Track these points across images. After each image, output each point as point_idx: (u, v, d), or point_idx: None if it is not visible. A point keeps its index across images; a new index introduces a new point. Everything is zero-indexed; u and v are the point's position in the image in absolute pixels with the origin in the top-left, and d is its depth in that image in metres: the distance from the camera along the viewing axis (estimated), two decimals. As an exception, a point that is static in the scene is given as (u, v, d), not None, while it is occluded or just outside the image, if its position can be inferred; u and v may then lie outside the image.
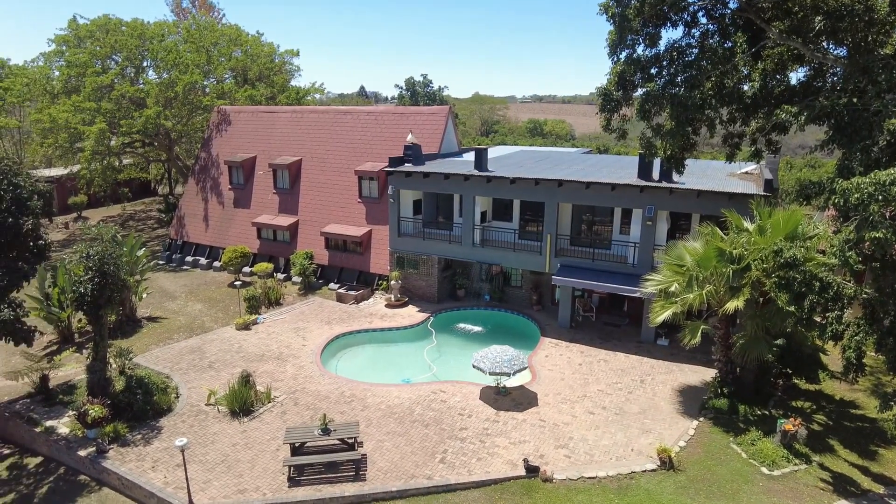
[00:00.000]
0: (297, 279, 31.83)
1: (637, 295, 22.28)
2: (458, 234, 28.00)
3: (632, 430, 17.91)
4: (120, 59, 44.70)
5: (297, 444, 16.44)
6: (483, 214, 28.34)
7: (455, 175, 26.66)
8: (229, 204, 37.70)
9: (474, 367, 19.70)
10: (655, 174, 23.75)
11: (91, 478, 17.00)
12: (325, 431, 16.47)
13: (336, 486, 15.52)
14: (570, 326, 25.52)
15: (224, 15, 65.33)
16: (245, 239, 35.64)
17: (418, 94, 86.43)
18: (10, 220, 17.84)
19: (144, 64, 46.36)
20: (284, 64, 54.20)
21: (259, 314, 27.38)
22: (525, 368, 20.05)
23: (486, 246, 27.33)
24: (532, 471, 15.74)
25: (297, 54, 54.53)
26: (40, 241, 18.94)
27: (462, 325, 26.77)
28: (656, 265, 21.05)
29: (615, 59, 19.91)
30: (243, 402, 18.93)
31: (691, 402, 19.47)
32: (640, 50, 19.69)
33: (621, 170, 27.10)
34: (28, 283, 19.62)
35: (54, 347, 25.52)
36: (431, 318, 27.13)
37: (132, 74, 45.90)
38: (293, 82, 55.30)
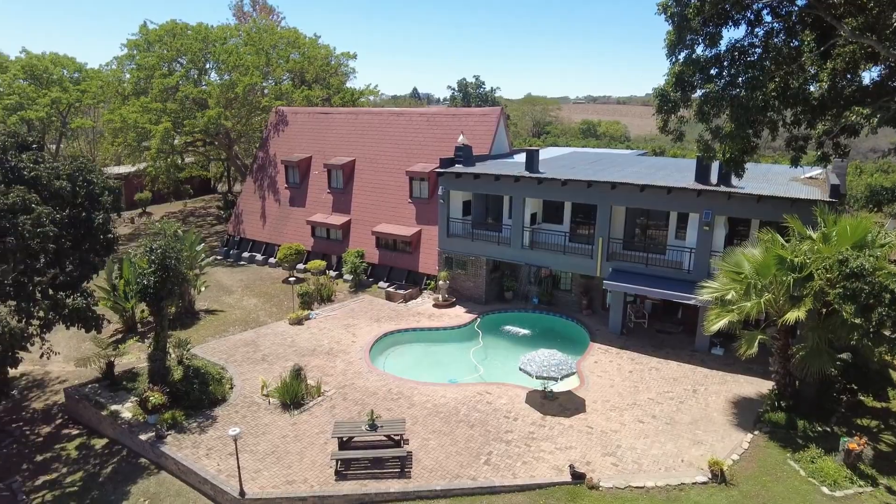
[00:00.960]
0: (348, 277, 32.44)
1: (692, 302, 21.64)
2: (507, 235, 27.91)
3: (682, 440, 17.42)
4: (185, 62, 46.62)
5: (344, 439, 16.77)
6: (533, 216, 28.14)
7: (506, 176, 26.59)
8: (285, 202, 38.76)
9: (521, 370, 19.59)
10: (713, 178, 23.02)
11: (150, 461, 17.82)
12: (373, 427, 16.73)
13: (381, 482, 15.74)
14: (621, 333, 25.03)
15: (283, 18, 67.31)
16: (300, 236, 36.57)
17: (470, 95, 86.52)
18: (84, 214, 18.88)
19: (207, 66, 48.17)
20: (340, 66, 55.29)
21: (311, 310, 28.04)
22: (573, 374, 19.80)
23: (535, 248, 27.13)
24: (578, 477, 15.53)
25: (354, 57, 55.50)
26: (109, 235, 19.94)
27: (509, 328, 26.66)
28: (713, 272, 20.40)
29: (673, 59, 19.39)
30: (294, 394, 19.44)
31: (746, 414, 18.77)
32: (699, 50, 19.12)
33: (678, 173, 26.39)
34: (98, 274, 20.74)
35: (119, 336, 26.88)
36: (478, 320, 27.14)
37: (195, 76, 47.78)
38: (348, 84, 56.36)
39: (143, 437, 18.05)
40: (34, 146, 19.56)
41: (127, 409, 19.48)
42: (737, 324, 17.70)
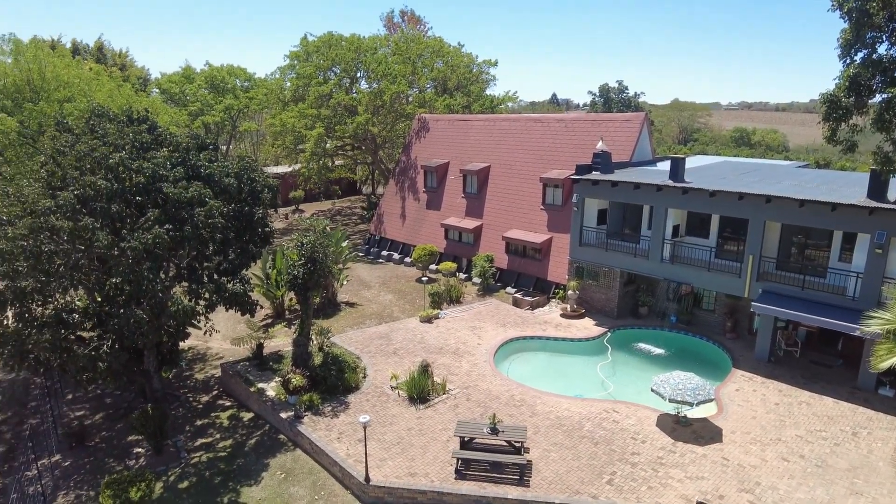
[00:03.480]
0: (476, 280, 32.92)
1: (856, 333, 19.19)
2: (645, 247, 26.67)
3: (837, 487, 15.52)
4: (338, 71, 50.19)
5: (466, 439, 17.04)
6: (675, 229, 26.62)
7: (647, 185, 25.43)
8: (422, 205, 40.25)
9: (653, 390, 18.62)
10: (891, 195, 20.27)
11: (288, 438, 19.37)
12: (494, 431, 16.83)
13: (500, 486, 15.78)
14: (769, 360, 22.85)
15: (430, 28, 69.89)
16: (434, 238, 37.78)
17: (612, 100, 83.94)
18: (247, 209, 21.03)
19: (358, 75, 51.46)
20: (482, 73, 56.29)
21: (441, 309, 28.84)
22: (711, 400, 18.43)
23: (676, 263, 25.64)
24: (709, 511, 14.45)
25: (495, 64, 56.24)
26: (267, 229, 22.02)
27: (642, 345, 25.44)
28: (884, 301, 17.96)
29: (848, 60, 17.44)
30: (421, 389, 20.13)
31: (922, 468, 16.28)
32: (882, 49, 17.00)
33: (845, 187, 23.58)
34: (255, 263, 22.99)
35: (269, 321, 29.54)
36: (609, 334, 26.22)
37: (347, 84, 51.24)
38: (488, 91, 57.22)
39: (283, 415, 19.68)
40: (210, 147, 22.15)
41: (271, 388, 21.34)
42: (914, 362, 15.44)
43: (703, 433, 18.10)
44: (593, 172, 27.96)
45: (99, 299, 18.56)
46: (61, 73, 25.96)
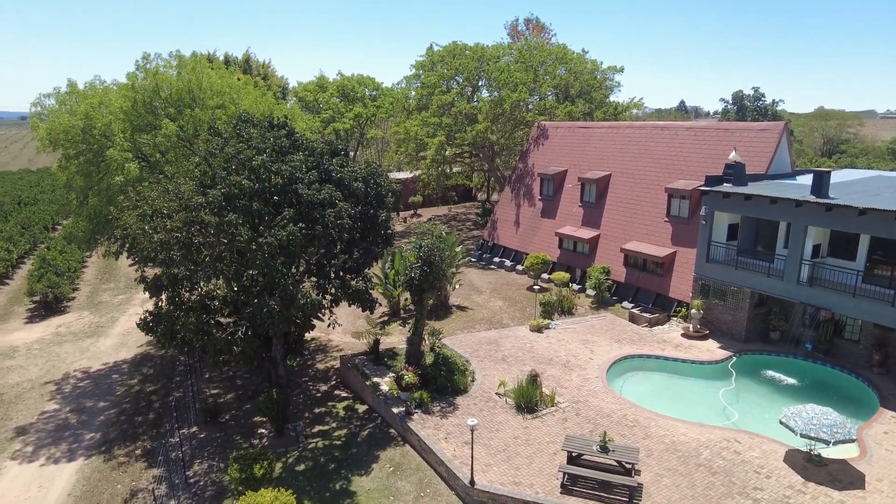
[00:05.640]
0: (590, 292, 32.08)
1: None
2: (779, 267, 24.60)
3: None
4: (461, 80, 51.20)
5: (574, 454, 16.68)
6: (816, 248, 24.30)
7: (784, 200, 23.45)
8: (537, 213, 39.97)
9: (782, 423, 17.11)
10: None
11: (398, 433, 20.03)
12: (604, 449, 16.33)
13: (607, 506, 15.28)
14: (927, 402, 20.17)
15: (554, 35, 69.24)
16: (547, 247, 37.36)
17: (746, 108, 78.47)
18: (371, 211, 22.10)
19: (480, 83, 52.18)
20: (606, 80, 54.92)
21: (552, 320, 28.45)
22: (852, 441, 16.59)
23: (815, 286, 23.40)
24: (846, 563, 13.01)
25: (621, 70, 54.66)
26: (389, 231, 23.00)
27: (771, 373, 23.46)
28: None
29: None
30: (529, 399, 19.99)
31: None
32: None
33: None
34: (376, 263, 24.05)
35: (385, 318, 30.74)
36: (734, 358, 24.46)
37: (469, 93, 52.13)
38: (612, 98, 55.73)
39: (395, 410, 20.38)
40: (341, 153, 23.53)
41: (385, 383, 22.19)
42: None
43: (840, 477, 16.35)
44: (724, 184, 26.27)
45: (236, 289, 20.38)
46: (215, 83, 28.83)
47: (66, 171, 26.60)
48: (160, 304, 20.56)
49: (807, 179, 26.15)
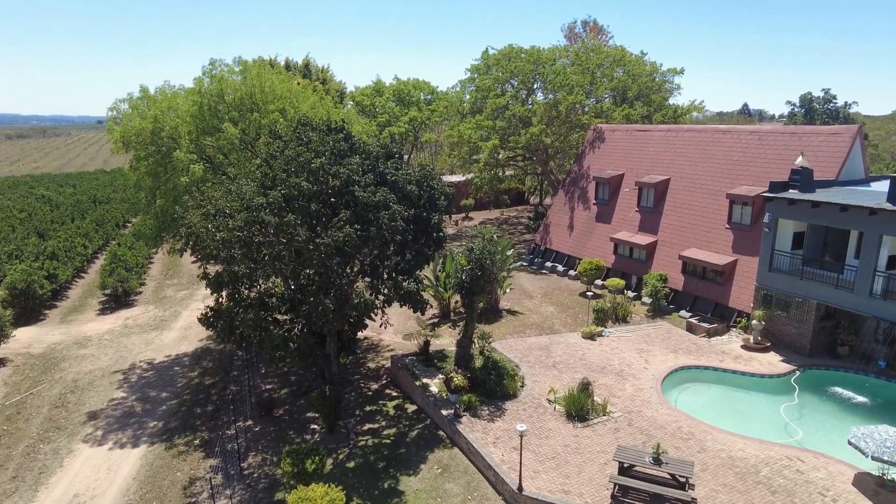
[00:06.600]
0: (646, 300, 31.30)
1: None
2: (849, 278, 23.33)
3: None
4: (516, 83, 50.97)
5: (625, 465, 16.32)
6: (891, 259, 22.92)
7: (857, 207, 22.24)
8: (591, 217, 39.33)
9: (850, 443, 16.21)
10: None
11: (447, 435, 20.09)
12: (657, 461, 15.90)
13: (659, 520, 14.87)
14: None
15: (612, 37, 68.04)
16: (601, 252, 36.70)
17: (815, 111, 74.90)
18: (424, 214, 22.29)
19: (535, 86, 51.81)
20: (665, 82, 53.58)
21: (605, 327, 27.91)
22: (929, 464, 15.57)
23: (890, 299, 22.06)
24: None
25: (681, 72, 53.19)
26: (441, 234, 23.12)
27: (838, 390, 22.27)
28: None
29: None
30: (580, 407, 19.68)
31: None
32: None
33: None
34: (427, 265, 24.23)
35: (435, 320, 30.90)
36: (797, 373, 23.35)
37: (524, 96, 51.83)
38: (671, 100, 54.27)
39: (443, 412, 20.46)
40: (396, 156, 23.84)
41: (434, 385, 22.30)
42: None
43: (916, 503, 15.36)
44: (790, 191, 25.15)
45: (293, 287, 20.94)
46: (276, 88, 29.75)
47: (137, 171, 28.03)
48: (221, 300, 21.36)
49: (882, 186, 24.72)
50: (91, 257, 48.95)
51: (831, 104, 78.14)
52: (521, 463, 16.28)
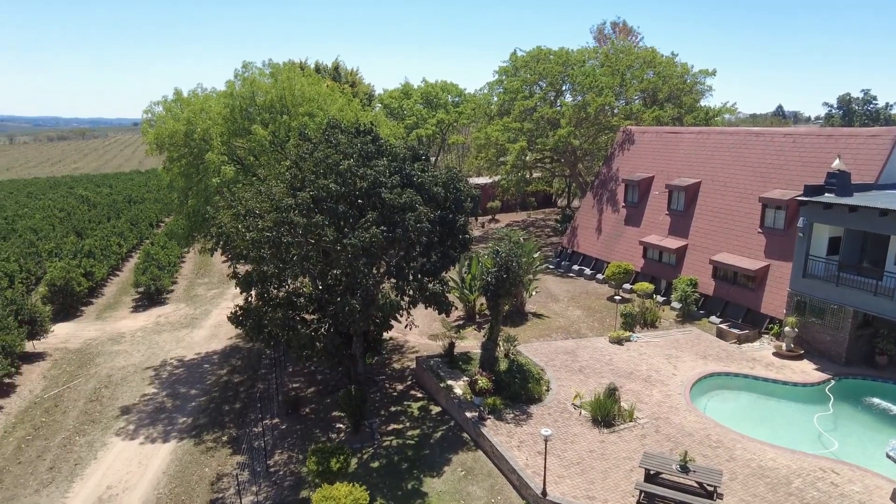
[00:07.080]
0: (676, 305, 30.79)
1: None
2: (889, 285, 22.59)
3: None
4: (544, 85, 50.67)
5: (652, 472, 16.07)
6: (933, 267, 22.18)
7: (897, 214, 21.57)
8: (620, 220, 38.86)
9: (889, 456, 15.72)
10: None
11: (471, 438, 20.05)
12: (684, 469, 15.63)
13: (686, 529, 14.60)
14: None
15: (641, 38, 67.22)
16: (630, 256, 36.23)
17: (853, 112, 72.96)
18: (450, 216, 22.31)
19: (563, 88, 51.43)
20: (696, 84, 52.70)
21: (633, 332, 27.54)
22: (971, 479, 15.00)
23: (931, 308, 21.34)
24: None
25: (713, 74, 52.23)
26: (467, 235, 23.11)
27: (876, 401, 21.57)
28: None
29: None
30: (606, 413, 19.45)
31: None
32: None
33: None
34: (453, 267, 24.25)
35: (461, 322, 30.89)
36: (832, 382, 22.71)
37: (552, 98, 51.50)
38: (703, 102, 53.35)
39: (468, 414, 20.42)
40: (423, 157, 23.93)
41: (459, 387, 22.29)
42: None
43: (958, 519, 14.79)
44: (826, 194, 24.49)
45: (321, 287, 21.16)
46: (306, 91, 30.14)
47: (170, 172, 28.69)
48: (250, 299, 21.71)
49: (924, 191, 23.92)
50: (126, 256, 50.27)
51: (871, 105, 75.95)
52: (545, 468, 16.16)
